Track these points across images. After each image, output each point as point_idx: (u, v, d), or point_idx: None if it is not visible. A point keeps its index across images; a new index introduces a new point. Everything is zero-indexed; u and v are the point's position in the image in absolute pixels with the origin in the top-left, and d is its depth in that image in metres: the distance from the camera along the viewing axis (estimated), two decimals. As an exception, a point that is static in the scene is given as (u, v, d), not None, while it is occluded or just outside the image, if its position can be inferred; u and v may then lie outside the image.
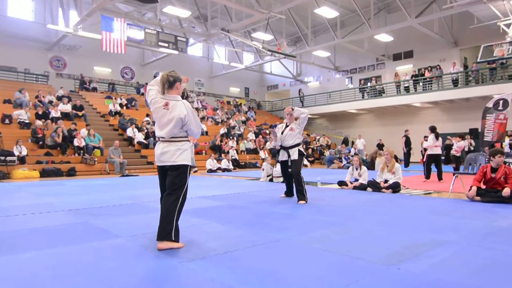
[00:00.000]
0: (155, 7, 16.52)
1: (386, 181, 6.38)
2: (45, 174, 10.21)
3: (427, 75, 18.15)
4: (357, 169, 7.04)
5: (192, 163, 2.98)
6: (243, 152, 16.40)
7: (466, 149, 12.43)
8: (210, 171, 12.81)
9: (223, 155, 14.51)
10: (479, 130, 9.20)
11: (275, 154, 14.45)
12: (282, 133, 5.49)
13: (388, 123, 20.54)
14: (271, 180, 8.83)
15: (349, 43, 18.65)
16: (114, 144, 11.98)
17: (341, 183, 7.09)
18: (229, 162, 13.99)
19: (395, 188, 6.22)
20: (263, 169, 9.31)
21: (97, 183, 8.41)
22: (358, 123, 22.42)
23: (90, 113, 15.42)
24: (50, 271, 2.28)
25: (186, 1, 17.00)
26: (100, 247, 2.85)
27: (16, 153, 10.34)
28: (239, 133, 18.18)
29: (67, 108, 14.28)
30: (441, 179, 8.30)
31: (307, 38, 19.38)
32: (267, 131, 16.66)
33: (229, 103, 24.49)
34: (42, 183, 8.62)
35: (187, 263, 2.42)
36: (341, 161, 15.59)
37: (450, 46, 18.38)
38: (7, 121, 12.24)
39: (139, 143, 13.92)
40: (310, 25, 18.85)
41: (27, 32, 17.65)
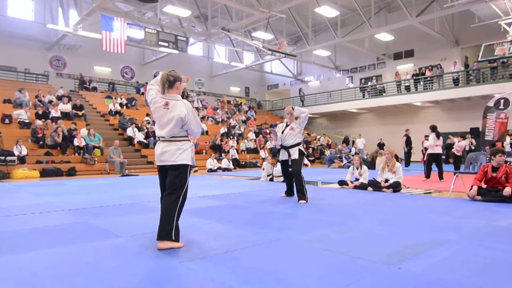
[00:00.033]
0: (155, 6, 16.51)
1: (386, 181, 6.37)
2: (45, 174, 10.21)
3: (428, 74, 18.12)
4: (357, 169, 7.03)
5: (192, 163, 2.97)
6: (243, 151, 16.40)
7: (467, 148, 12.42)
8: (210, 170, 12.81)
9: (223, 154, 14.50)
10: (480, 129, 9.18)
11: (275, 153, 14.46)
12: (282, 132, 5.49)
13: (388, 123, 20.52)
14: (272, 179, 8.83)
15: (350, 42, 18.63)
16: (114, 143, 11.97)
17: (342, 183, 7.09)
18: (229, 161, 13.99)
19: (396, 187, 6.21)
20: (264, 169, 9.30)
21: (97, 183, 8.41)
22: (358, 122, 22.40)
23: (90, 113, 15.42)
24: (50, 271, 2.28)
25: (186, 1, 16.98)
26: (100, 247, 2.85)
27: (16, 153, 10.34)
28: (240, 132, 18.17)
29: (67, 107, 14.27)
30: (442, 178, 8.30)
31: (308, 37, 19.35)
32: (268, 131, 16.63)
33: (229, 102, 24.47)
34: (42, 183, 8.62)
35: (187, 262, 2.41)
36: (342, 161, 15.59)
37: (451, 45, 18.35)
38: (7, 121, 12.23)
39: (139, 142, 13.92)
40: (310, 24, 18.83)
41: (27, 31, 17.65)
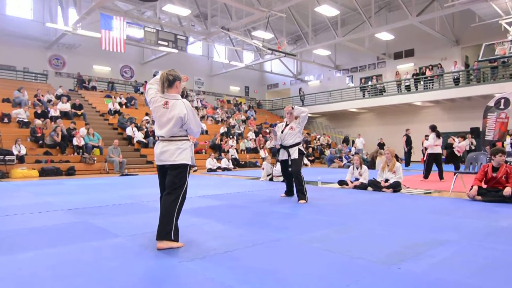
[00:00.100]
0: (155, 5, 16.47)
1: (386, 181, 6.36)
2: (44, 173, 10.20)
3: (428, 73, 18.12)
4: (357, 168, 7.02)
5: (192, 162, 2.97)
6: (243, 151, 16.39)
7: (467, 148, 12.42)
8: (210, 170, 12.80)
9: (223, 154, 14.49)
10: (480, 129, 9.17)
11: (275, 153, 14.44)
12: (282, 132, 5.48)
13: (389, 122, 20.52)
14: (271, 179, 8.82)
15: (350, 41, 18.62)
16: (113, 143, 11.96)
17: (342, 183, 7.08)
18: (229, 161, 13.98)
19: (396, 187, 6.20)
20: (263, 168, 9.29)
21: (97, 183, 8.41)
22: (358, 122, 22.40)
23: (89, 112, 15.41)
24: (49, 271, 2.27)
25: (186, 0, 16.98)
26: (99, 246, 2.84)
27: (15, 152, 10.33)
28: (239, 132, 18.16)
29: (66, 107, 14.26)
30: (442, 178, 8.29)
31: (308, 36, 19.34)
32: (267, 130, 16.64)
33: (229, 102, 24.45)
34: (41, 182, 8.61)
35: (187, 262, 2.41)
36: (342, 160, 15.58)
37: (451, 44, 18.35)
38: (6, 120, 12.22)
39: (139, 142, 13.90)
40: (310, 24, 18.82)
41: (26, 30, 17.61)
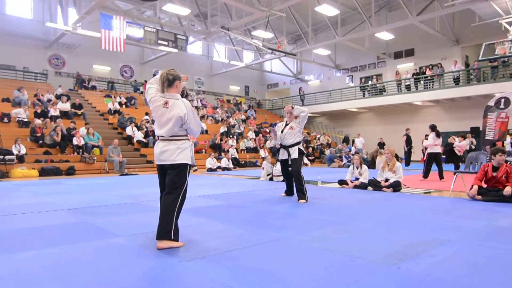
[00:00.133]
0: (155, 5, 16.47)
1: (387, 180, 6.36)
2: (44, 173, 10.20)
3: (428, 73, 18.12)
4: (357, 168, 7.02)
5: (192, 162, 2.96)
6: (243, 151, 16.39)
7: (467, 147, 12.41)
8: (210, 170, 12.80)
9: (223, 154, 14.49)
10: (481, 128, 9.17)
11: (275, 153, 14.44)
12: (282, 131, 5.47)
13: (389, 122, 20.52)
14: (271, 179, 8.81)
15: (350, 41, 18.61)
16: (113, 143, 11.96)
17: (342, 182, 7.08)
18: (229, 161, 13.98)
19: (396, 187, 6.20)
20: (263, 168, 9.28)
21: (96, 182, 8.40)
22: (358, 121, 22.39)
23: (89, 112, 15.40)
24: (49, 271, 2.27)
25: (186, -1, 16.98)
26: (99, 246, 2.84)
27: (15, 152, 10.33)
28: (239, 131, 18.16)
29: (66, 106, 14.25)
30: (442, 177, 8.29)
31: (308, 36, 19.33)
32: (267, 130, 16.58)
33: (229, 101, 24.44)
34: (41, 182, 8.61)
35: (187, 262, 2.40)
36: (342, 160, 15.58)
37: (451, 44, 18.34)
38: (5, 120, 12.22)
39: (139, 141, 13.89)
40: (310, 23, 18.81)
41: (26, 30, 17.60)
